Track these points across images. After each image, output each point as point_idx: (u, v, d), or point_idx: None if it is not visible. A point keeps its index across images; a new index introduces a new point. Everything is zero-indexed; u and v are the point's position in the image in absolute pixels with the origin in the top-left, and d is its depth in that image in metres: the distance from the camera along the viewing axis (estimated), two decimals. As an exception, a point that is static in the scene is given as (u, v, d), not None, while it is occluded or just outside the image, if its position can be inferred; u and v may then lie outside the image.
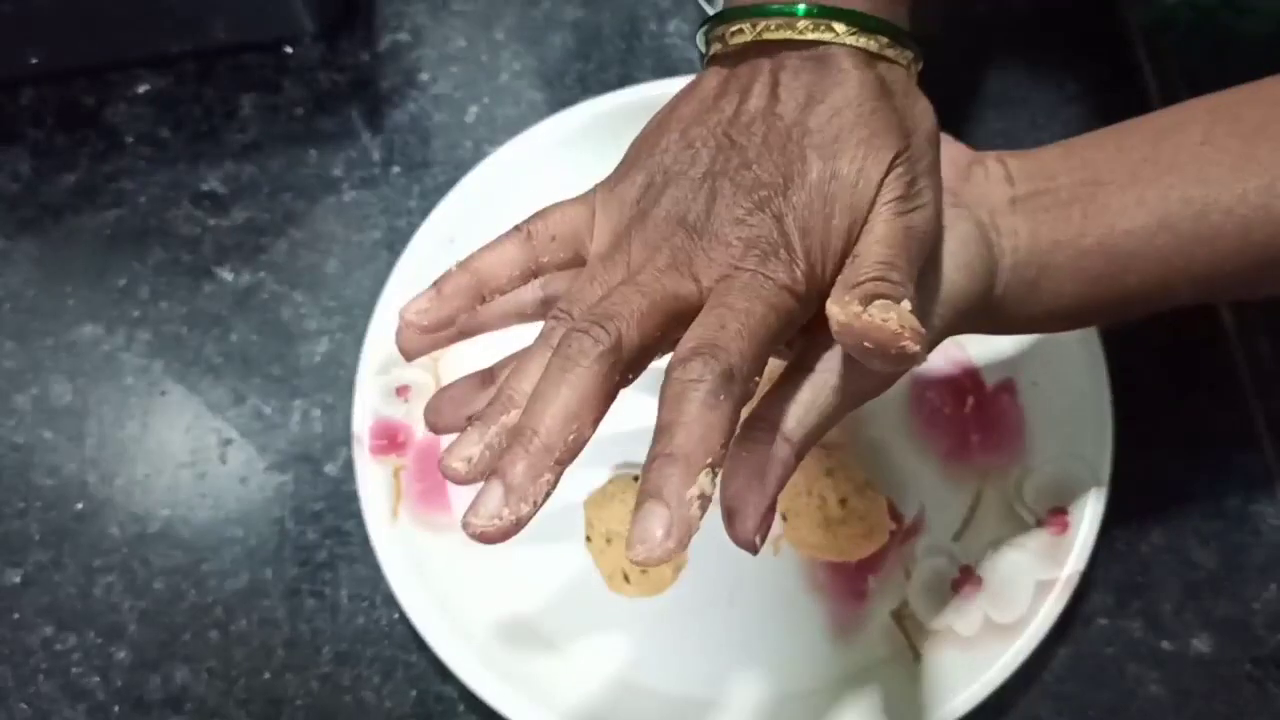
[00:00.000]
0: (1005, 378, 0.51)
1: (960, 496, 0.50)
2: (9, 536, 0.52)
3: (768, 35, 0.35)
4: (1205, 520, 0.50)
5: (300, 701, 0.49)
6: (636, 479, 0.49)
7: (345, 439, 0.52)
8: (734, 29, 0.36)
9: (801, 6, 0.35)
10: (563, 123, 0.55)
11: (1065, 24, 0.59)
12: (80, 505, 0.53)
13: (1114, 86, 0.58)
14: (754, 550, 0.33)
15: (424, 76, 0.60)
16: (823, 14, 0.35)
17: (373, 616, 0.50)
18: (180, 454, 0.53)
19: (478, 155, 0.57)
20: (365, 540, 0.49)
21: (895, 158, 0.34)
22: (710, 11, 0.55)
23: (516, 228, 0.38)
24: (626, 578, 0.47)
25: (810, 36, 0.35)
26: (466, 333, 0.40)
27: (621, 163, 0.38)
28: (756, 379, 0.32)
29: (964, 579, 0.48)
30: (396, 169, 0.58)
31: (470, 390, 0.40)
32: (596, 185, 0.38)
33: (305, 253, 0.57)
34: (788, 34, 0.35)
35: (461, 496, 0.51)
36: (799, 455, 0.34)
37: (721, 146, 0.35)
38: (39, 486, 0.53)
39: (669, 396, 0.30)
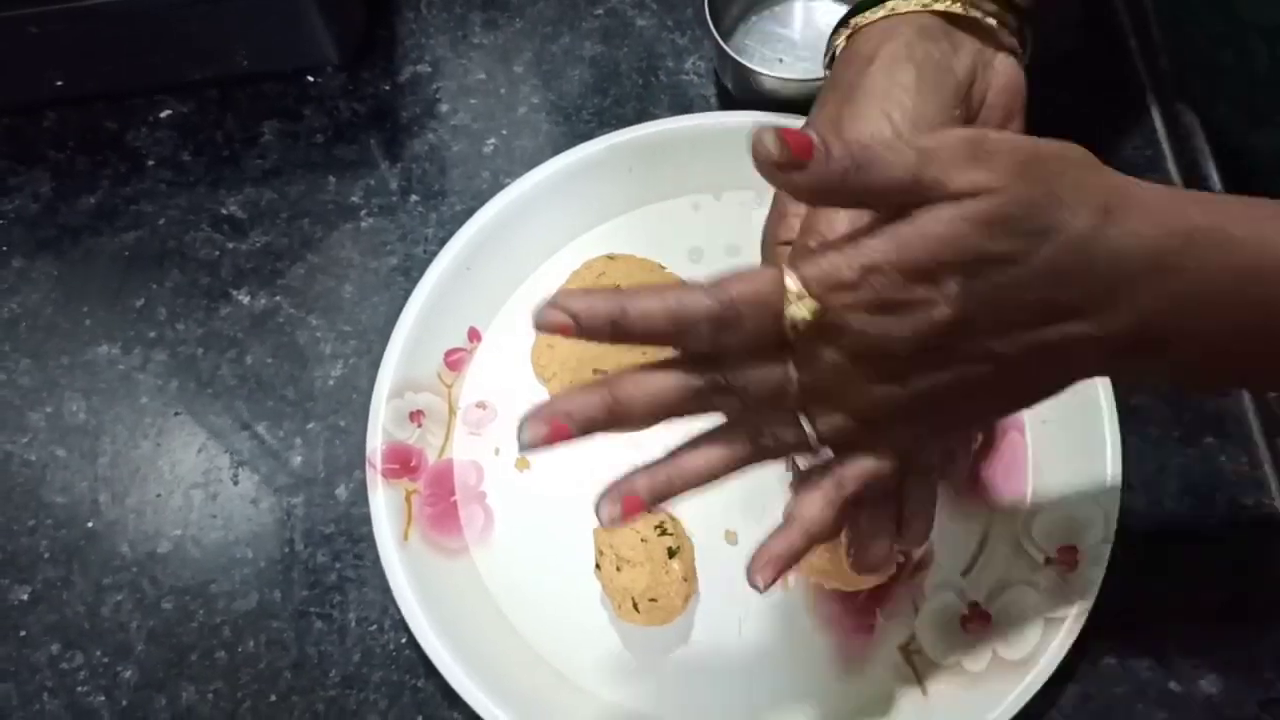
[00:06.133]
0: (1015, 415, 0.51)
1: (969, 532, 0.50)
2: (19, 553, 0.52)
3: None
4: (1213, 561, 0.50)
5: (306, 725, 0.49)
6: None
7: (357, 462, 0.52)
8: None
9: None
10: (579, 156, 0.55)
11: (1076, 72, 0.60)
12: (91, 523, 0.53)
13: (1123, 132, 0.58)
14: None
15: (443, 108, 0.61)
16: None
17: (381, 640, 0.50)
18: (192, 474, 0.53)
19: (495, 186, 0.58)
20: (375, 563, 0.49)
21: None
22: (729, 51, 0.56)
23: None
24: (636, 606, 0.47)
25: None
26: None
27: None
28: None
29: (972, 615, 0.48)
30: (414, 197, 0.59)
31: None
32: None
33: (322, 278, 0.57)
34: None
35: (472, 521, 0.51)
36: None
37: None
38: (50, 504, 0.53)
39: None
